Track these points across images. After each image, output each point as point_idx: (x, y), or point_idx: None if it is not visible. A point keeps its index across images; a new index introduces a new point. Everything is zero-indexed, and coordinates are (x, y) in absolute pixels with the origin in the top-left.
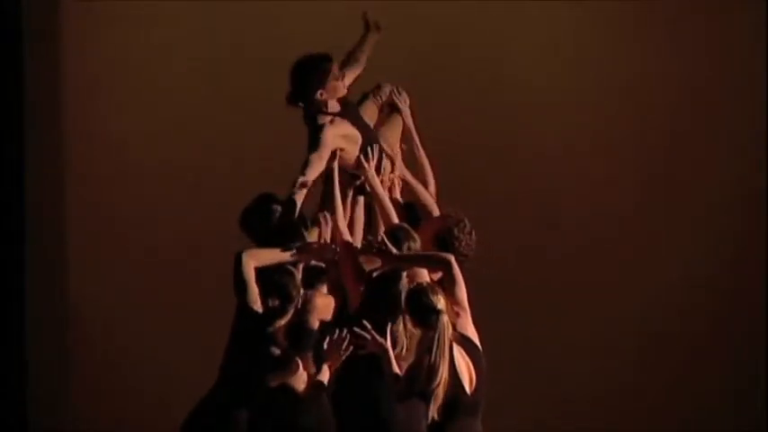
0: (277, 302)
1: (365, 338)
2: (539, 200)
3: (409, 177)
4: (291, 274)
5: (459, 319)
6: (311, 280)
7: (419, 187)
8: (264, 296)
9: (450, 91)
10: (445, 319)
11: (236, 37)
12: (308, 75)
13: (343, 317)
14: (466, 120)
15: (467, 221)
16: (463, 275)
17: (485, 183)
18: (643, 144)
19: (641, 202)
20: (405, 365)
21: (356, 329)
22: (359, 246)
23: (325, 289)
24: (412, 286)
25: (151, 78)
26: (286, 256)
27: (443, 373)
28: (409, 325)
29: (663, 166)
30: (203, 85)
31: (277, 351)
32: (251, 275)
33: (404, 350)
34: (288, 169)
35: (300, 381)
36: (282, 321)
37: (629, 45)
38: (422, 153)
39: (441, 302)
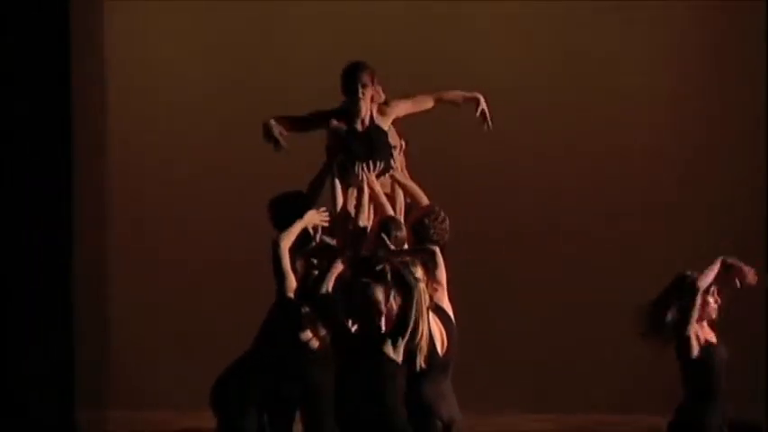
0: (308, 308)
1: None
2: (539, 200)
3: (401, 178)
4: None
5: (437, 293)
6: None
7: (412, 185)
8: (298, 299)
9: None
10: (422, 286)
11: (271, 39)
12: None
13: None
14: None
15: (441, 213)
16: (446, 261)
17: (485, 182)
18: (644, 145)
19: (642, 202)
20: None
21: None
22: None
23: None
24: (396, 261)
25: (187, 89)
26: (306, 220)
27: (424, 330)
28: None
29: (663, 168)
30: (238, 92)
31: (308, 336)
32: (287, 263)
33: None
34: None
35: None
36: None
37: (629, 46)
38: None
39: (418, 273)
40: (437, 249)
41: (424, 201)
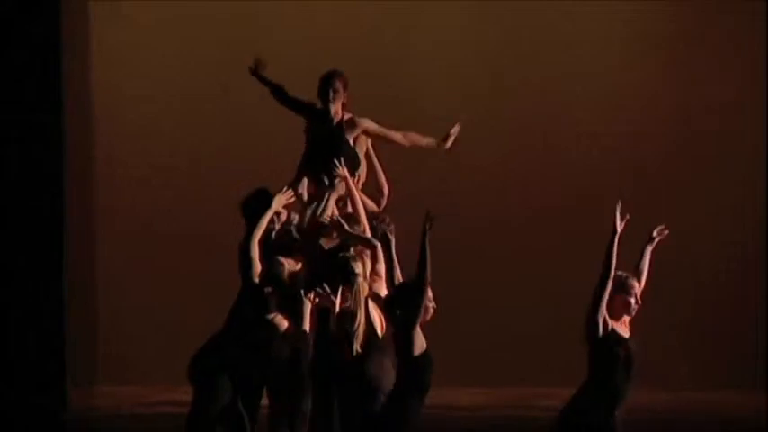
0: (270, 288)
1: (322, 295)
2: (544, 202)
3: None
4: (283, 265)
5: (375, 284)
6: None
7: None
8: (262, 282)
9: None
10: (360, 279)
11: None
12: None
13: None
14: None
15: (386, 217)
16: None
17: (496, 184)
18: (646, 147)
19: (644, 204)
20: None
21: (318, 289)
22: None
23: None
24: (341, 255)
25: (171, 87)
26: (275, 207)
27: (360, 317)
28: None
29: (664, 170)
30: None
31: (271, 315)
32: (256, 252)
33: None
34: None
35: (286, 333)
36: (275, 299)
37: (630, 49)
38: (378, 166)
39: (359, 267)
40: (378, 244)
41: (374, 208)
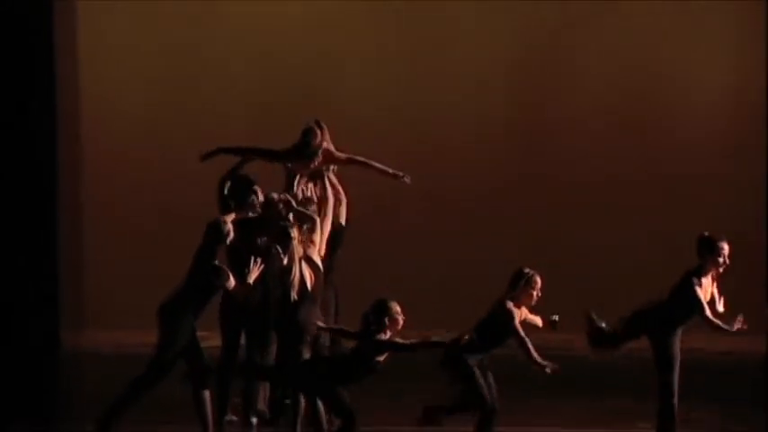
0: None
1: (275, 255)
2: (541, 201)
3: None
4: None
5: (309, 249)
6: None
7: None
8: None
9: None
10: (295, 243)
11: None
12: None
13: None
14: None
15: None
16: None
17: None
18: (652, 148)
19: (647, 205)
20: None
21: (272, 250)
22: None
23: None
24: (281, 223)
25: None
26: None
27: (295, 271)
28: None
29: (666, 171)
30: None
31: (218, 264)
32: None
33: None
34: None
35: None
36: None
37: (634, 50)
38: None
39: (294, 233)
40: (316, 218)
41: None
